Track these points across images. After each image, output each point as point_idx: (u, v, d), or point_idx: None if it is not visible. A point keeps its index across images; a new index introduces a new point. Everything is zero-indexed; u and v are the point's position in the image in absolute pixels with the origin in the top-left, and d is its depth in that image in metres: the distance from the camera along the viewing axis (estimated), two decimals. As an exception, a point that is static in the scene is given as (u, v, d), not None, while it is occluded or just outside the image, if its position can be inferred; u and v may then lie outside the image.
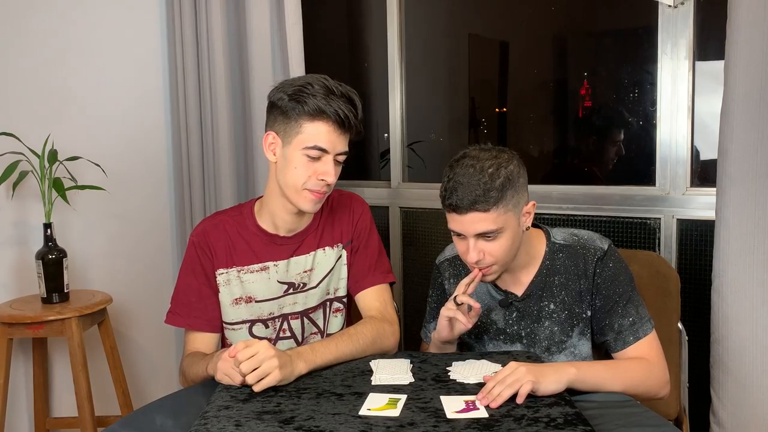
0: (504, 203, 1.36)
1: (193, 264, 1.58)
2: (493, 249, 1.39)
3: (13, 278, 2.43)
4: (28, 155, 2.26)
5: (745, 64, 1.57)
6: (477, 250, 1.39)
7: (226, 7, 2.42)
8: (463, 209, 1.36)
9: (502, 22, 2.70)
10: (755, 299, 1.60)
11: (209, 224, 1.61)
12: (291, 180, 1.48)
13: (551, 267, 1.50)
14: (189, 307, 1.57)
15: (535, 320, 1.51)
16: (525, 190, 1.43)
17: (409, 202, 2.52)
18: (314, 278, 1.61)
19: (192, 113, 2.52)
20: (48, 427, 2.48)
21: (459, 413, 1.17)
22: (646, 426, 1.18)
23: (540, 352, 1.50)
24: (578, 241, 1.50)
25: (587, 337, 1.49)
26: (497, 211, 1.36)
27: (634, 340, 1.43)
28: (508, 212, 1.37)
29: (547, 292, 1.49)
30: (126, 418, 1.31)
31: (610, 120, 2.34)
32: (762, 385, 1.61)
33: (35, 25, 2.45)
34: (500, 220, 1.37)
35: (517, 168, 1.41)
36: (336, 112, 1.44)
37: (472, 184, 1.35)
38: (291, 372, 1.32)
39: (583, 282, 1.47)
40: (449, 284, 1.61)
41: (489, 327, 1.56)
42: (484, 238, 1.39)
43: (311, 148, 1.45)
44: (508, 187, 1.37)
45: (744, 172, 1.59)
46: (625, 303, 1.45)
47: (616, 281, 1.46)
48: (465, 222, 1.37)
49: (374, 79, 2.70)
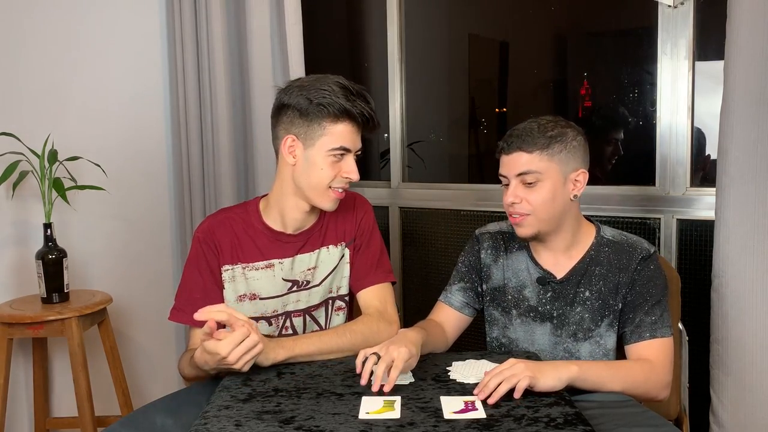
0: (549, 152, 1.42)
1: (198, 260, 1.58)
2: (531, 196, 1.44)
3: (13, 278, 2.43)
4: (28, 155, 2.26)
5: (745, 64, 1.57)
6: (515, 193, 1.45)
7: (226, 7, 2.42)
8: (509, 149, 1.44)
9: (502, 22, 2.71)
10: (755, 299, 1.60)
11: (215, 221, 1.62)
12: (316, 181, 1.50)
13: (595, 258, 1.51)
14: (194, 304, 1.57)
15: (568, 303, 1.51)
16: (579, 157, 1.47)
17: (408, 202, 2.52)
18: (318, 276, 1.62)
19: (192, 113, 2.52)
20: (48, 427, 2.48)
21: (457, 413, 1.17)
22: (646, 426, 1.18)
23: (566, 337, 1.51)
24: (627, 240, 1.53)
25: (614, 330, 1.50)
26: (540, 155, 1.42)
27: (650, 337, 1.44)
28: (552, 163, 1.43)
29: (585, 279, 1.51)
30: (126, 418, 1.31)
31: (610, 120, 2.34)
32: (762, 385, 1.61)
33: (35, 25, 2.45)
34: (542, 165, 1.42)
35: (574, 134, 1.46)
36: (361, 112, 1.47)
37: (525, 129, 1.45)
38: (271, 350, 1.37)
39: (622, 275, 1.49)
40: (485, 254, 1.62)
41: (520, 303, 1.56)
42: (524, 184, 1.44)
43: (337, 149, 1.48)
44: (557, 141, 1.43)
45: (744, 172, 1.59)
46: (654, 304, 1.46)
47: (651, 282, 1.47)
48: (509, 162, 1.45)
49: (374, 79, 2.70)
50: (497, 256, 1.60)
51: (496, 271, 1.60)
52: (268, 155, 2.33)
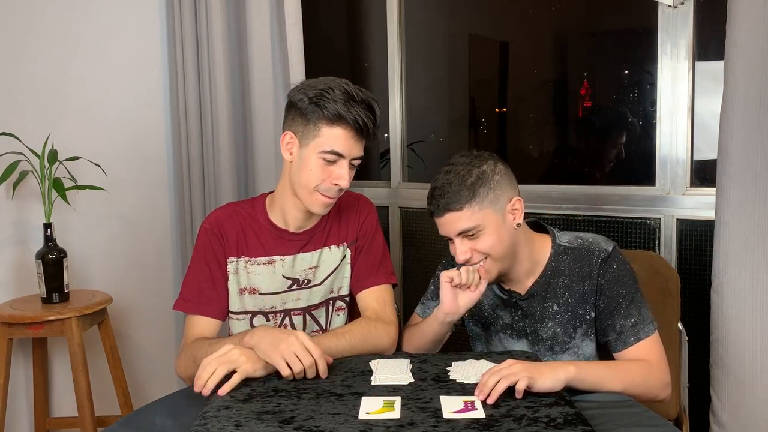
0: (477, 201, 1.42)
1: (205, 251, 1.59)
2: (479, 245, 1.44)
3: (13, 278, 2.43)
4: (28, 155, 2.26)
5: (744, 64, 1.57)
6: (463, 249, 1.45)
7: (226, 7, 2.42)
8: (439, 212, 1.45)
9: (502, 22, 2.71)
10: (755, 299, 1.60)
11: (223, 213, 1.63)
12: (304, 181, 1.50)
13: (556, 269, 1.51)
14: (201, 294, 1.58)
15: (538, 320, 1.52)
16: (506, 188, 1.46)
17: (408, 202, 2.52)
18: (319, 276, 1.62)
19: (192, 113, 2.52)
20: (48, 427, 2.48)
21: (456, 413, 1.17)
22: (646, 426, 1.18)
23: (544, 351, 1.51)
24: (583, 243, 1.51)
25: (591, 338, 1.50)
26: (471, 209, 1.42)
27: (635, 341, 1.43)
28: (484, 209, 1.42)
29: (550, 293, 1.50)
30: (126, 418, 1.31)
31: (609, 120, 2.34)
32: (762, 385, 1.61)
33: (35, 26, 2.45)
34: (476, 217, 1.42)
35: (492, 167, 1.45)
36: (355, 119, 1.46)
37: (444, 187, 1.44)
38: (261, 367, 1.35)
39: (587, 283, 1.48)
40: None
41: (496, 321, 1.58)
42: (467, 237, 1.44)
43: (327, 152, 1.47)
44: (479, 185, 1.42)
45: (744, 172, 1.59)
46: (628, 304, 1.45)
47: (619, 282, 1.46)
48: (445, 224, 1.45)
49: (374, 79, 2.70)
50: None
51: None
52: (268, 155, 2.33)
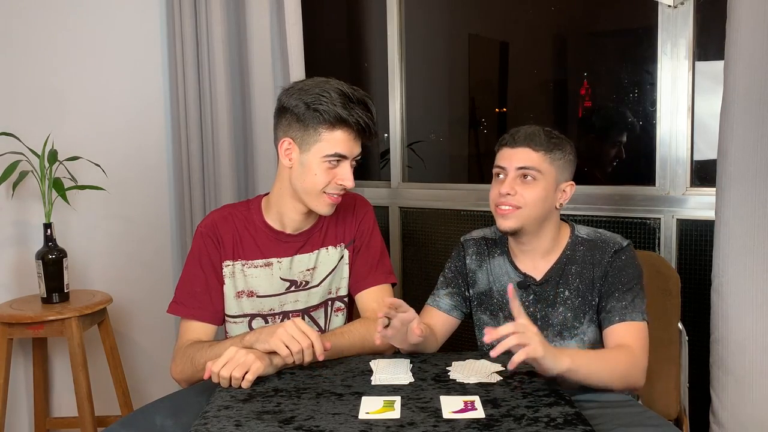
0: (552, 156, 1.48)
1: (200, 254, 1.59)
2: (526, 192, 1.47)
3: (13, 278, 2.43)
4: (28, 155, 2.26)
5: (745, 64, 1.57)
6: (512, 185, 1.48)
7: (226, 7, 2.42)
8: (517, 143, 1.49)
9: (502, 22, 2.71)
10: (755, 299, 1.60)
11: (218, 216, 1.62)
12: (310, 185, 1.50)
13: (571, 257, 1.54)
14: (194, 298, 1.57)
15: (550, 305, 1.54)
16: (571, 169, 1.54)
17: (408, 202, 2.52)
18: (317, 277, 1.62)
19: (192, 113, 2.53)
20: (48, 427, 2.48)
21: (456, 413, 1.17)
22: (646, 426, 1.18)
23: (552, 336, 1.53)
24: (600, 237, 1.55)
25: (595, 323, 1.52)
26: (545, 156, 1.48)
27: (619, 320, 1.45)
28: (552, 167, 1.49)
29: (563, 279, 1.53)
30: (126, 418, 1.31)
31: (609, 120, 2.34)
32: (762, 385, 1.61)
33: (35, 26, 2.45)
34: (544, 166, 1.48)
35: (571, 148, 1.54)
36: (357, 121, 1.46)
37: (532, 130, 1.50)
38: (268, 363, 1.36)
39: (596, 270, 1.51)
40: (471, 260, 1.64)
41: (506, 306, 1.57)
42: (522, 179, 1.48)
43: (331, 155, 1.47)
44: (559, 148, 1.50)
45: (744, 172, 1.59)
46: (625, 291, 1.48)
47: (623, 272, 1.49)
48: (513, 154, 1.49)
49: (374, 79, 2.70)
50: (482, 261, 1.62)
51: (481, 276, 1.62)
52: (268, 155, 2.33)
